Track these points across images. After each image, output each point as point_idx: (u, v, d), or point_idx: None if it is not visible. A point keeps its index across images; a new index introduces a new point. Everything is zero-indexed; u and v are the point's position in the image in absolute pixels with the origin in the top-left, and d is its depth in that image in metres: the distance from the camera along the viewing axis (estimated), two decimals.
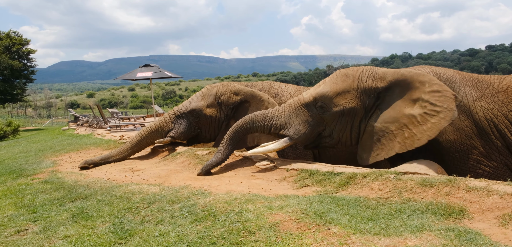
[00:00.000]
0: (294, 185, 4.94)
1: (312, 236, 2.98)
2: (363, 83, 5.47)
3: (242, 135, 6.04)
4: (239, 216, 3.48)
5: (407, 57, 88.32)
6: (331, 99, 5.49)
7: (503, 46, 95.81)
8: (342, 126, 5.53)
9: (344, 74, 5.63)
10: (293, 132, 5.66)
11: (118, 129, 14.56)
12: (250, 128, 5.92)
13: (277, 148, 5.70)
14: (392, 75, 5.43)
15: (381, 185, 4.28)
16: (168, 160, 7.26)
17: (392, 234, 3.00)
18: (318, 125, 5.64)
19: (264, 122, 5.83)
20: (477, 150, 5.30)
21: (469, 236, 2.86)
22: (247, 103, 7.64)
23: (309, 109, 5.65)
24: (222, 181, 5.32)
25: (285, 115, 5.77)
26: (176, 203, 4.18)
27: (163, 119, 7.96)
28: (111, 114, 19.95)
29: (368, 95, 5.44)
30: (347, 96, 5.46)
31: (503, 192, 3.51)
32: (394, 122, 5.24)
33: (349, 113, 5.47)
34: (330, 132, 5.61)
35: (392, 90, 5.40)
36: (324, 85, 5.68)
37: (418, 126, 5.08)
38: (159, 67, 15.98)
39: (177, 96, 78.43)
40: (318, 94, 5.60)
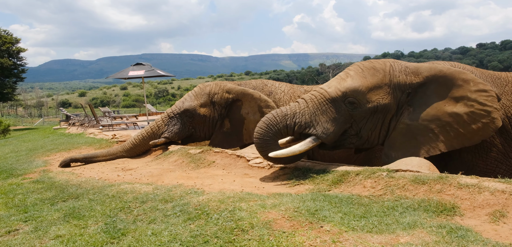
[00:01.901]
0: (287, 183, 4.94)
1: (305, 234, 2.99)
2: (396, 78, 5.15)
3: (273, 142, 5.19)
4: (232, 215, 3.48)
5: (399, 55, 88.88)
6: (364, 95, 5.07)
7: (493, 44, 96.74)
8: (373, 123, 5.18)
9: (371, 68, 5.24)
10: (321, 130, 5.08)
11: (110, 128, 14.47)
12: (272, 133, 5.14)
13: (304, 149, 5.03)
14: (427, 70, 5.16)
15: (374, 183, 4.29)
16: (161, 159, 7.24)
17: (384, 231, 3.02)
18: (346, 122, 5.17)
19: (286, 121, 5.16)
20: (496, 148, 5.11)
21: (461, 233, 2.88)
22: (239, 102, 7.64)
23: (336, 106, 5.13)
24: (215, 179, 5.30)
25: (309, 113, 5.15)
26: (169, 202, 4.17)
27: (155, 123, 7.94)
28: (103, 113, 19.83)
29: (402, 91, 5.14)
30: (380, 92, 5.10)
31: (493, 189, 3.54)
32: (434, 120, 4.99)
33: (382, 111, 5.13)
34: (357, 130, 5.21)
35: (427, 86, 5.12)
36: (352, 79, 5.19)
37: (466, 125, 4.87)
38: (151, 66, 15.91)
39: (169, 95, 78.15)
40: (348, 89, 5.11)
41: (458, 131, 4.90)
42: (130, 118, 18.97)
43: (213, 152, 6.66)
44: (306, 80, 67.52)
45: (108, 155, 7.79)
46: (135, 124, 15.41)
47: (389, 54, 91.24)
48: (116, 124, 15.22)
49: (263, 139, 5.14)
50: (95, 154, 7.79)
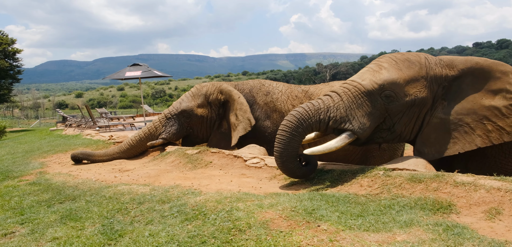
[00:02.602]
0: (284, 183, 4.95)
1: (302, 233, 2.99)
2: (432, 71, 4.95)
3: (299, 140, 4.77)
4: (230, 215, 3.48)
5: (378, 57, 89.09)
6: (402, 88, 4.82)
7: (489, 43, 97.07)
8: (408, 118, 4.95)
9: (406, 60, 5.02)
10: (357, 125, 4.75)
11: (107, 129, 14.44)
12: (303, 127, 4.73)
13: (340, 145, 4.73)
14: (463, 63, 4.99)
15: (371, 182, 4.31)
16: (158, 160, 7.23)
17: (381, 229, 3.03)
18: (380, 117, 4.89)
19: (319, 116, 4.77)
20: None
21: (457, 230, 2.90)
22: (229, 103, 7.67)
23: (372, 99, 4.83)
24: (212, 180, 5.30)
25: (344, 107, 4.81)
26: (166, 203, 4.16)
27: (153, 124, 7.93)
28: (100, 114, 19.78)
29: (438, 85, 4.96)
30: (417, 85, 4.87)
31: (489, 187, 3.56)
32: (470, 114, 4.82)
33: (418, 105, 4.90)
34: (390, 124, 4.94)
35: (462, 79, 4.96)
36: (388, 71, 4.92)
37: (504, 119, 4.70)
38: (148, 66, 15.89)
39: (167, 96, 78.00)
40: (385, 81, 4.83)
41: (497, 124, 4.71)
42: (127, 119, 18.93)
43: (210, 152, 6.66)
44: (303, 80, 67.52)
45: (105, 156, 7.79)
46: (132, 125, 15.38)
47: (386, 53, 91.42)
48: (113, 125, 15.19)
49: (291, 133, 4.67)
50: (93, 153, 7.83)
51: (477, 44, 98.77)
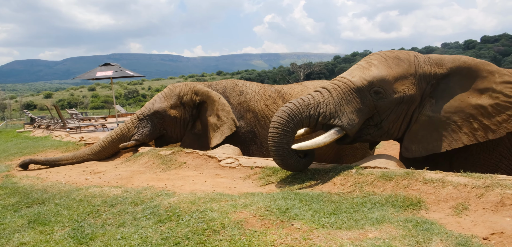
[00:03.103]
0: (259, 183, 4.96)
1: (276, 233, 3.01)
2: (421, 68, 5.02)
3: (291, 136, 4.81)
4: (204, 216, 3.46)
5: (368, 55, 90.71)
6: (391, 85, 4.89)
7: (457, 44, 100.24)
8: (396, 115, 5.02)
9: (395, 57, 5.09)
10: (346, 121, 4.80)
11: (78, 130, 14.10)
12: (294, 123, 4.77)
13: (328, 141, 4.74)
14: (451, 61, 5.07)
15: (343, 180, 4.37)
16: (131, 161, 7.11)
17: (353, 227, 3.08)
18: (369, 113, 4.96)
19: (309, 111, 4.82)
20: (503, 144, 5.06)
21: (426, 226, 2.98)
22: (206, 104, 7.62)
23: (361, 95, 4.89)
24: (186, 180, 5.26)
25: (333, 102, 4.86)
26: (139, 205, 4.10)
27: (125, 125, 7.79)
28: (71, 115, 19.30)
29: (427, 82, 5.03)
30: (406, 82, 4.95)
31: (456, 183, 3.68)
32: (457, 112, 4.90)
33: (407, 102, 4.98)
34: (378, 121, 5.01)
35: (450, 78, 5.04)
36: (377, 68, 4.99)
37: (490, 117, 4.79)
38: (120, 66, 15.61)
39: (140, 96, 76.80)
40: (375, 78, 4.90)
41: (483, 123, 4.81)
42: (99, 120, 18.54)
43: (184, 153, 6.61)
44: (277, 80, 67.87)
45: (75, 158, 7.59)
46: (104, 126, 15.07)
47: (358, 54, 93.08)
48: (84, 126, 14.84)
49: (283, 130, 4.72)
50: (60, 158, 7.57)
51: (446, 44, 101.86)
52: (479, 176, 3.77)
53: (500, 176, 3.74)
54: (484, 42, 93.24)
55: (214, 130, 7.37)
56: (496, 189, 3.46)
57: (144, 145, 7.81)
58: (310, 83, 7.85)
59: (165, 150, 7.00)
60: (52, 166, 7.43)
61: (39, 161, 7.39)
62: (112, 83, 17.33)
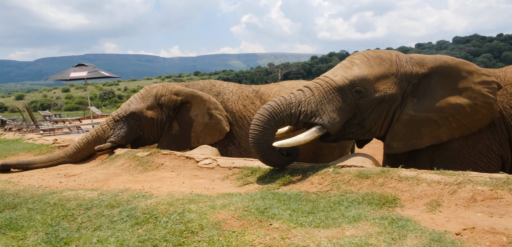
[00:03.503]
0: (237, 183, 4.96)
1: (254, 233, 3.01)
2: (402, 68, 5.11)
3: (272, 133, 4.90)
4: (182, 217, 3.44)
5: (344, 55, 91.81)
6: (372, 84, 4.98)
7: (430, 44, 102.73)
8: (378, 114, 5.10)
9: (377, 57, 5.18)
10: (327, 120, 4.87)
11: (52, 132, 13.76)
12: (275, 121, 4.85)
13: (309, 139, 4.81)
14: (432, 61, 5.17)
15: (321, 179, 4.42)
16: (107, 163, 6.99)
17: (331, 225, 3.12)
18: (350, 112, 5.03)
19: (291, 110, 4.90)
20: (482, 141, 5.16)
21: (401, 223, 3.04)
22: (189, 104, 7.55)
23: (343, 94, 4.96)
24: (163, 182, 5.21)
25: (315, 101, 4.93)
26: (115, 207, 4.03)
27: (101, 127, 7.64)
28: (44, 117, 18.83)
29: (408, 82, 5.11)
30: (387, 82, 5.03)
31: (430, 180, 3.77)
32: (437, 111, 5.02)
33: (388, 101, 5.06)
34: (360, 120, 5.09)
35: (431, 77, 5.13)
36: (359, 68, 5.07)
37: (468, 116, 4.93)
38: (94, 66, 15.32)
39: (116, 97, 75.53)
40: (356, 77, 4.97)
41: (460, 122, 4.94)
42: (74, 122, 18.14)
43: (162, 154, 6.54)
44: (255, 80, 67.93)
45: (49, 161, 7.40)
46: (79, 128, 14.76)
47: (335, 54, 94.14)
48: (58, 128, 14.49)
49: (263, 127, 4.79)
50: (33, 161, 7.36)
51: (419, 44, 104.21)
52: (451, 173, 3.88)
53: (472, 173, 3.85)
54: (456, 42, 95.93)
55: (207, 129, 7.33)
56: (468, 185, 3.57)
57: (120, 147, 7.68)
58: (288, 83, 7.90)
59: (142, 151, 6.91)
60: (25, 169, 7.23)
61: (11, 164, 7.18)
62: (86, 84, 16.99)
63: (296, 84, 7.87)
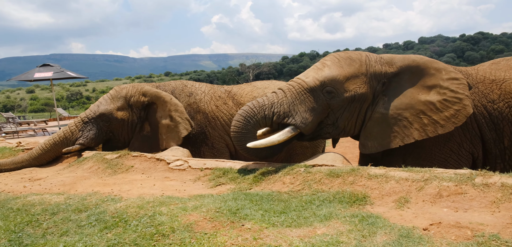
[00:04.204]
0: (209, 184, 4.92)
1: (226, 234, 3.00)
2: (372, 68, 5.23)
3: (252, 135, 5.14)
4: (152, 220, 3.38)
5: (315, 55, 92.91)
6: (342, 84, 5.10)
7: (397, 44, 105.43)
8: (350, 113, 5.22)
9: (347, 58, 5.29)
10: (299, 120, 5.04)
11: (15, 135, 13.25)
12: (251, 125, 5.09)
13: (282, 139, 4.98)
14: (401, 60, 5.28)
15: (293, 179, 4.44)
16: (74, 166, 6.79)
17: (302, 224, 3.14)
18: (323, 112, 5.17)
19: (264, 112, 5.10)
20: (454, 139, 5.26)
21: (371, 220, 3.10)
22: (155, 105, 7.44)
23: (315, 95, 5.12)
24: (134, 185, 5.11)
25: (287, 102, 5.11)
26: (83, 212, 3.92)
27: (68, 128, 7.40)
28: (7, 119, 18.11)
29: (377, 81, 5.22)
30: (357, 81, 5.15)
31: (398, 178, 3.86)
32: (408, 109, 5.10)
33: (359, 100, 5.18)
34: (334, 120, 5.22)
35: (401, 76, 5.24)
36: (329, 69, 5.20)
37: (438, 113, 5.00)
38: (60, 66, 14.86)
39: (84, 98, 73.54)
40: (326, 78, 5.11)
41: (432, 118, 5.01)
42: (39, 123, 17.55)
43: (131, 156, 6.41)
44: (227, 81, 67.72)
45: (13, 165, 7.11)
46: (45, 130, 14.29)
47: (305, 54, 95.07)
48: (22, 130, 13.97)
49: (240, 132, 5.07)
50: None
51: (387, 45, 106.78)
52: (419, 170, 3.98)
53: (438, 169, 3.97)
54: (422, 43, 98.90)
55: (168, 131, 7.21)
56: (434, 181, 3.67)
57: (89, 149, 7.47)
58: (260, 84, 7.92)
59: (111, 153, 6.75)
60: None
61: None
62: (52, 85, 16.46)
63: (268, 84, 7.90)
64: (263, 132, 5.31)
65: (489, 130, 5.19)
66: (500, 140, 5.17)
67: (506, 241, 2.61)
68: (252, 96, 7.53)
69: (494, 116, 5.17)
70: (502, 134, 5.14)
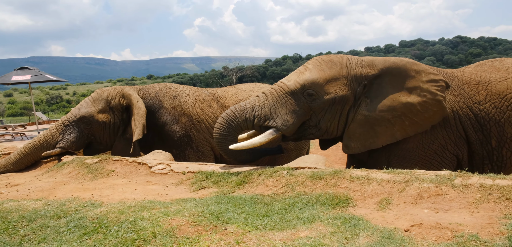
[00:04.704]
0: (191, 188, 4.87)
1: (209, 238, 2.97)
2: (352, 70, 5.29)
3: (233, 138, 5.29)
4: (133, 225, 3.32)
5: (297, 58, 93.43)
6: (322, 87, 5.18)
7: (379, 47, 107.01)
8: (331, 115, 5.27)
9: (328, 61, 5.37)
10: (280, 122, 5.14)
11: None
12: (233, 128, 5.24)
13: (264, 141, 5.06)
14: (382, 63, 5.35)
15: (276, 181, 4.44)
16: (53, 171, 6.64)
17: (285, 227, 3.13)
18: (305, 114, 5.25)
19: (245, 115, 5.22)
20: (438, 141, 5.30)
21: (353, 222, 3.12)
22: (130, 108, 7.35)
23: (296, 98, 5.22)
24: (115, 189, 5.02)
25: (268, 105, 5.22)
26: (62, 218, 3.83)
27: (49, 132, 7.25)
28: None
29: (358, 83, 5.28)
30: (338, 84, 5.22)
31: (380, 179, 3.90)
32: (390, 110, 5.16)
33: (340, 102, 5.24)
34: (316, 121, 5.30)
35: (382, 78, 5.30)
36: (310, 72, 5.29)
37: (419, 114, 5.08)
38: (39, 70, 14.55)
39: (64, 102, 72.28)
40: (306, 81, 5.20)
41: (412, 120, 5.10)
42: (17, 128, 17.15)
43: (112, 161, 6.31)
44: (210, 83, 67.53)
45: None
46: (23, 135, 13.98)
47: (288, 57, 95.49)
48: None
49: (222, 135, 5.23)
50: None
51: (368, 48, 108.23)
52: (400, 171, 4.03)
53: (418, 171, 4.03)
54: (402, 46, 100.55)
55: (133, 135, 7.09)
56: (415, 183, 3.72)
57: (69, 154, 7.33)
58: (244, 87, 7.92)
59: (92, 158, 6.63)
60: None
61: None
62: (30, 88, 16.12)
63: (252, 87, 7.90)
64: (247, 134, 5.37)
65: (475, 131, 5.26)
66: (488, 141, 5.24)
67: (485, 241, 2.65)
68: (237, 99, 7.52)
69: (480, 118, 5.24)
70: (489, 135, 5.22)
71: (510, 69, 5.46)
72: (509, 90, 5.22)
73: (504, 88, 5.25)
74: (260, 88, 7.87)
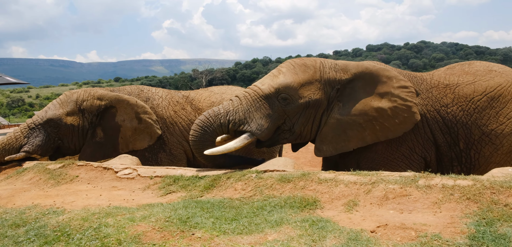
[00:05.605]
0: (159, 193, 4.78)
1: (176, 244, 2.91)
2: (326, 74, 5.32)
3: (210, 143, 5.25)
4: (97, 232, 3.21)
5: (267, 61, 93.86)
6: (296, 91, 5.20)
7: (347, 51, 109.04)
8: (305, 119, 5.31)
9: (302, 65, 5.39)
10: (255, 127, 5.13)
11: None
12: (208, 134, 5.20)
13: (239, 146, 5.07)
14: (355, 67, 5.39)
15: (244, 185, 4.42)
16: (13, 178, 6.36)
17: (254, 231, 3.11)
18: (279, 118, 5.26)
19: (220, 120, 5.20)
20: (406, 144, 5.37)
21: (321, 224, 3.14)
22: (114, 109, 7.15)
23: (270, 102, 5.22)
24: (78, 195, 4.85)
25: (242, 110, 5.20)
26: (21, 226, 3.66)
27: (13, 135, 6.92)
28: None
29: (332, 87, 5.32)
30: (311, 88, 5.25)
31: (347, 181, 3.95)
32: (361, 115, 5.22)
33: (313, 106, 5.28)
34: (290, 125, 5.31)
35: (355, 82, 5.35)
36: (284, 76, 5.31)
37: (389, 119, 5.14)
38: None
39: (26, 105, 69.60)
40: (281, 85, 5.22)
41: (383, 124, 5.16)
42: None
43: (76, 166, 6.10)
44: (179, 86, 66.78)
45: None
46: None
47: (258, 59, 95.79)
48: None
49: (198, 140, 5.20)
50: None
51: (337, 52, 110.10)
52: (367, 173, 4.10)
53: (384, 172, 4.11)
54: (369, 50, 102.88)
55: (136, 134, 7.02)
56: (380, 184, 3.79)
57: (31, 159, 7.03)
58: (217, 89, 7.91)
59: (54, 163, 6.39)
60: None
61: None
62: None
63: (225, 89, 7.89)
64: (222, 139, 5.33)
65: (443, 134, 5.39)
66: (456, 143, 5.37)
67: (447, 240, 2.73)
68: (210, 101, 7.49)
69: (447, 120, 5.37)
70: (457, 137, 5.36)
71: (478, 73, 5.63)
72: (476, 93, 5.38)
73: (471, 92, 5.40)
74: (233, 90, 7.86)
